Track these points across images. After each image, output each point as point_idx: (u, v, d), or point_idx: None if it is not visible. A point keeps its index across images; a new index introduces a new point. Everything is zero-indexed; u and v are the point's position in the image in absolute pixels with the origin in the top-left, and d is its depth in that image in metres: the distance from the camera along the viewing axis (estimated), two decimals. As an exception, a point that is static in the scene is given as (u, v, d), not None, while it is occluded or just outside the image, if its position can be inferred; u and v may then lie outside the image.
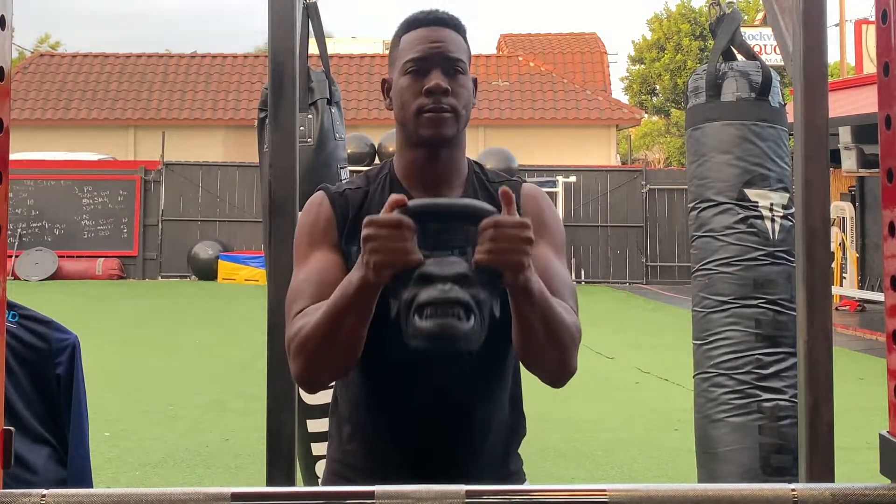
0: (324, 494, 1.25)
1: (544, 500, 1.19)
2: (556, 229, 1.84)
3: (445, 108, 1.73)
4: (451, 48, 1.77)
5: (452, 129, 1.76)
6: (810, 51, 1.79)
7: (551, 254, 1.79)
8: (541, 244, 1.75)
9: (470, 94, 1.79)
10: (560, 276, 1.78)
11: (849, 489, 1.09)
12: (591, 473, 5.70)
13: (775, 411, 3.07)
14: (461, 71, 1.77)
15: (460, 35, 1.81)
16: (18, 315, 2.36)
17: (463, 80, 1.77)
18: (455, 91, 1.75)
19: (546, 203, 1.87)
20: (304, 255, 1.77)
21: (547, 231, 1.81)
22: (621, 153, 26.25)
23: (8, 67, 1.16)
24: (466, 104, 1.78)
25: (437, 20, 1.79)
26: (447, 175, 1.80)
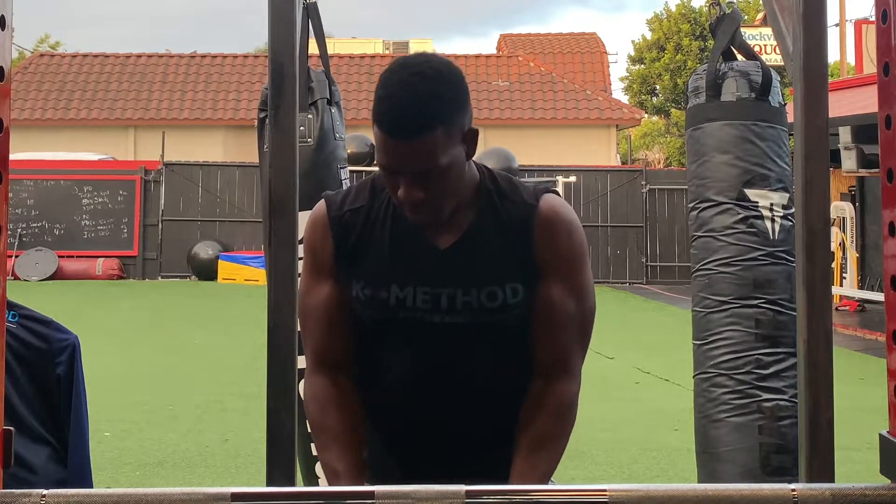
0: (324, 494, 1.25)
1: (544, 500, 1.19)
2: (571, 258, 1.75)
3: (421, 209, 1.69)
4: (420, 160, 1.63)
5: (437, 215, 1.72)
6: (810, 51, 1.79)
7: (558, 290, 1.73)
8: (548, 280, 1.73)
9: (453, 177, 1.67)
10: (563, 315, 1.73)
11: (849, 489, 1.09)
12: (591, 473, 5.70)
13: (775, 411, 3.07)
14: (434, 175, 1.65)
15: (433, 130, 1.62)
16: (18, 315, 2.36)
17: (440, 176, 1.65)
18: (431, 191, 1.66)
19: (563, 227, 1.76)
20: (310, 277, 1.83)
21: (559, 264, 1.74)
22: (621, 153, 26.25)
23: (8, 67, 1.16)
24: (447, 189, 1.68)
25: (400, 132, 1.62)
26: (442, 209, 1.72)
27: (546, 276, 1.73)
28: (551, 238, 1.73)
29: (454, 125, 1.65)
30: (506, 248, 1.73)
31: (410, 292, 1.75)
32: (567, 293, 1.74)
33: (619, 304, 15.82)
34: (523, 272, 1.73)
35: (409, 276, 1.75)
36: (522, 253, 1.73)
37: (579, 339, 1.76)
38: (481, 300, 1.73)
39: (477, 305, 1.73)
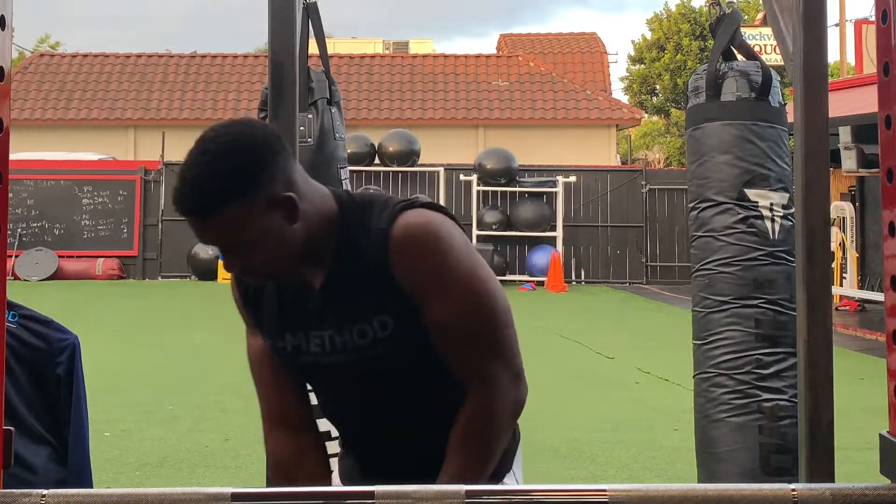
0: (324, 494, 1.25)
1: (544, 500, 1.19)
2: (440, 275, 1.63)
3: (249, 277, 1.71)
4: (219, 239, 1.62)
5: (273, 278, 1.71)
6: (810, 51, 1.79)
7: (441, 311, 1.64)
8: (427, 304, 1.64)
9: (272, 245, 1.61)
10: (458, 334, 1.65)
11: (849, 489, 1.09)
12: (591, 473, 5.70)
13: (775, 411, 3.07)
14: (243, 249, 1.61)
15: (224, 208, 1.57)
16: (18, 315, 2.36)
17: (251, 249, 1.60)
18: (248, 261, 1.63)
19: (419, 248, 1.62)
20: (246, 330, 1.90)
21: (429, 286, 1.63)
22: (621, 153, 26.26)
23: (8, 67, 1.16)
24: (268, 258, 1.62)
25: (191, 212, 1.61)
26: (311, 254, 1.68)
27: (423, 301, 1.64)
28: (410, 263, 1.62)
29: (251, 199, 1.57)
30: (367, 281, 1.65)
31: (303, 338, 1.75)
32: (452, 311, 1.64)
33: (619, 304, 15.81)
34: (390, 303, 1.65)
35: (298, 322, 1.75)
36: (384, 283, 1.64)
37: (487, 347, 1.67)
38: (354, 339, 1.69)
39: (352, 345, 1.70)
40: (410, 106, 23.09)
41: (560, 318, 13.38)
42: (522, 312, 14.71)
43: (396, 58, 26.31)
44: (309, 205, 1.64)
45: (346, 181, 3.44)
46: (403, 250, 1.61)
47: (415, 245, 1.62)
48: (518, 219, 18.37)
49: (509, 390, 1.69)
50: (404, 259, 1.61)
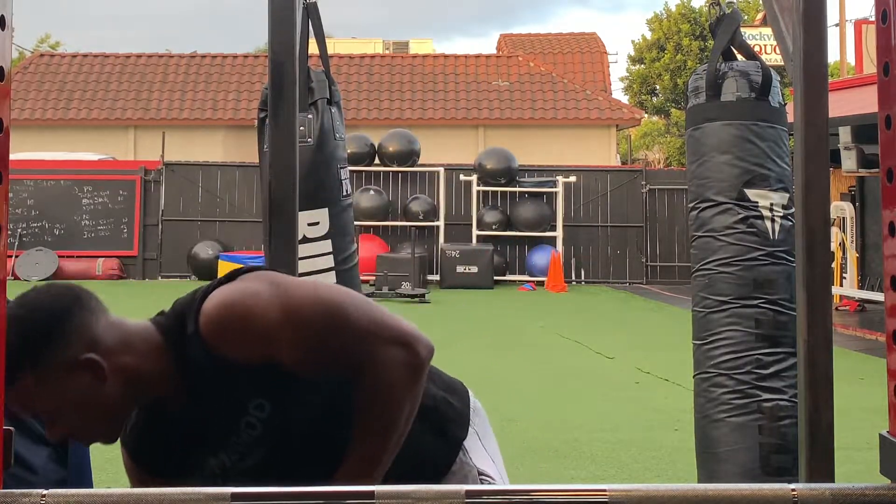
0: (324, 494, 1.25)
1: (544, 500, 1.19)
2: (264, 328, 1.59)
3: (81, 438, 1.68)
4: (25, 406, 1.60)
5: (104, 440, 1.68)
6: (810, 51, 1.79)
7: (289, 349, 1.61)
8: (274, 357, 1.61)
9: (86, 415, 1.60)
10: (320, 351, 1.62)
11: (849, 489, 1.09)
12: (591, 473, 5.70)
13: (775, 411, 3.07)
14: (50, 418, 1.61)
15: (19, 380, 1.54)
16: (18, 315, 2.36)
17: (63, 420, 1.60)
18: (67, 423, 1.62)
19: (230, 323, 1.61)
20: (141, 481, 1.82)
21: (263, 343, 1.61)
22: (621, 153, 26.26)
23: (8, 67, 1.16)
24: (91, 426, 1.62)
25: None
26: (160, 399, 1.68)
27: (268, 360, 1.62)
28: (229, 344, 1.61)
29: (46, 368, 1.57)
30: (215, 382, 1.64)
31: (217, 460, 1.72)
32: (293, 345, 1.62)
33: (619, 304, 15.82)
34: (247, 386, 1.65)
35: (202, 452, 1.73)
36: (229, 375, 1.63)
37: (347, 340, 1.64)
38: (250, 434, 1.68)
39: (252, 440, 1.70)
40: (410, 106, 23.10)
41: (560, 318, 13.38)
42: (522, 312, 14.75)
43: (396, 58, 26.31)
44: (124, 355, 1.63)
45: (346, 181, 3.45)
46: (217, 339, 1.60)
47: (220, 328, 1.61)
48: (518, 219, 18.37)
49: (395, 356, 1.64)
50: (222, 344, 1.60)
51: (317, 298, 1.66)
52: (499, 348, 10.50)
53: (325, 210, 3.31)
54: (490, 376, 8.71)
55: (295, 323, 1.61)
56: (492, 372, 8.92)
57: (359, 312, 1.65)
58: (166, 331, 1.68)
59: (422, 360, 1.67)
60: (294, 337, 1.61)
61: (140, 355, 1.65)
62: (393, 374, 1.64)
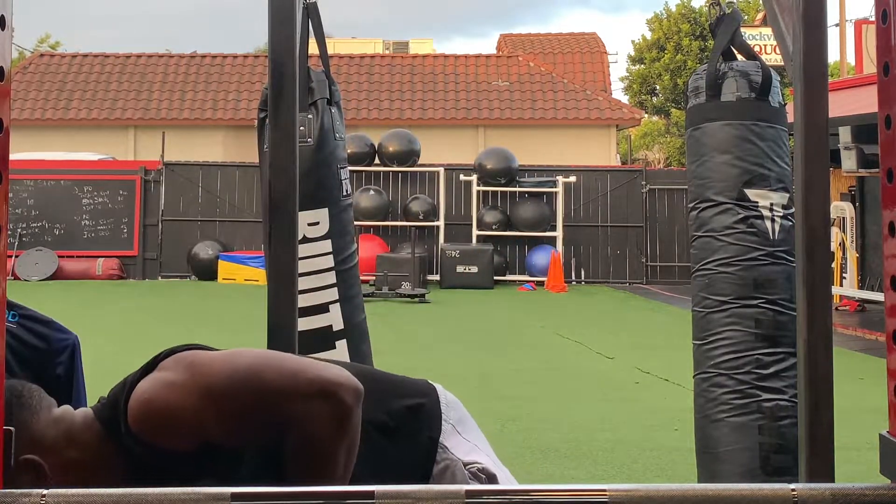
0: (324, 494, 1.25)
1: (544, 500, 1.19)
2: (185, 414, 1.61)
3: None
4: None
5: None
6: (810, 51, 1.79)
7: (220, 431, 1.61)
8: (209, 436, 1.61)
9: None
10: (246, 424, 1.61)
11: (849, 489, 1.09)
12: (591, 473, 5.70)
13: (775, 411, 3.07)
14: None
15: None
16: (18, 315, 2.36)
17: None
18: None
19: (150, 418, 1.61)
20: None
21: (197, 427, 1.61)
22: (621, 153, 26.26)
23: (8, 67, 1.16)
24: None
25: None
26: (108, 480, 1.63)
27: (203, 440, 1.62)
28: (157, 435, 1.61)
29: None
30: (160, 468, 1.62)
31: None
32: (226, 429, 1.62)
33: (619, 304, 15.82)
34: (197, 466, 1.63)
35: None
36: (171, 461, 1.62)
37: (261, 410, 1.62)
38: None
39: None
40: (410, 106, 23.10)
41: (560, 318, 13.38)
42: (522, 312, 14.76)
43: (396, 58, 26.31)
44: (67, 450, 1.64)
45: (346, 181, 3.44)
46: (148, 435, 1.61)
47: (147, 425, 1.61)
48: (518, 219, 18.37)
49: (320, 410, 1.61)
50: (155, 438, 1.61)
51: (232, 371, 1.64)
52: (498, 348, 10.50)
53: (325, 210, 3.31)
54: (490, 376, 8.71)
55: (215, 402, 1.61)
56: (491, 372, 8.93)
57: (275, 373, 1.63)
58: (105, 422, 1.67)
59: (347, 406, 1.63)
60: (217, 416, 1.60)
61: (83, 448, 1.65)
62: (318, 428, 1.60)
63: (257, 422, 1.63)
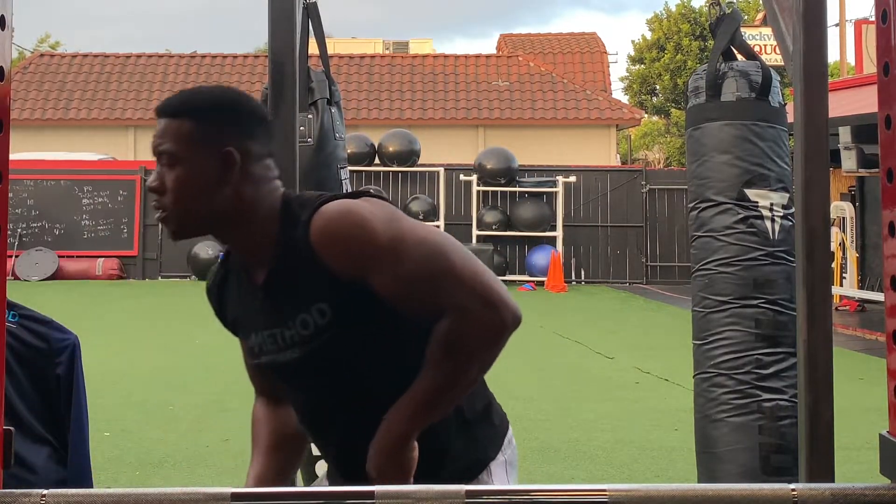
0: (324, 494, 1.25)
1: (544, 500, 1.19)
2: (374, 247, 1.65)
3: (157, 206, 1.76)
4: (158, 140, 1.76)
5: (172, 224, 1.74)
6: (810, 51, 1.79)
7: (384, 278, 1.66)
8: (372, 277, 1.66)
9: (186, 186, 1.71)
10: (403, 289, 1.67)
11: (849, 489, 1.09)
12: (591, 473, 5.70)
13: (775, 411, 3.07)
14: (168, 163, 1.73)
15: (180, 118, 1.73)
16: (18, 315, 2.36)
17: (171, 172, 1.72)
18: (168, 187, 1.73)
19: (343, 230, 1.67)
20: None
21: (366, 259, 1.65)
22: (621, 153, 26.27)
23: (8, 67, 1.16)
24: (180, 199, 1.71)
25: (159, 108, 1.78)
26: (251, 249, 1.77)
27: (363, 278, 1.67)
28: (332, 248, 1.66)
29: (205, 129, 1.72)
30: (300, 273, 1.71)
31: (261, 338, 1.81)
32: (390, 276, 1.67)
33: (619, 304, 15.81)
34: (324, 291, 1.70)
35: (254, 322, 1.82)
36: (315, 273, 1.69)
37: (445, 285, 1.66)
38: (299, 331, 1.74)
39: (298, 338, 1.74)
40: (410, 106, 23.10)
41: (560, 318, 13.38)
42: (522, 312, 14.66)
43: (396, 58, 26.31)
44: (254, 186, 1.73)
45: (346, 181, 3.44)
46: (323, 239, 1.66)
47: (333, 230, 1.66)
48: (518, 219, 18.37)
49: (475, 313, 1.66)
50: (326, 246, 1.66)
51: (425, 235, 1.71)
52: (499, 348, 10.48)
53: (325, 210, 3.30)
54: (489, 376, 8.70)
55: (398, 252, 1.66)
56: (491, 372, 8.92)
57: (460, 261, 1.68)
58: (286, 207, 1.75)
59: (506, 325, 1.68)
60: (393, 265, 1.66)
61: (260, 200, 1.74)
62: (473, 328, 1.66)
63: (421, 294, 1.67)
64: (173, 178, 1.71)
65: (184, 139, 1.71)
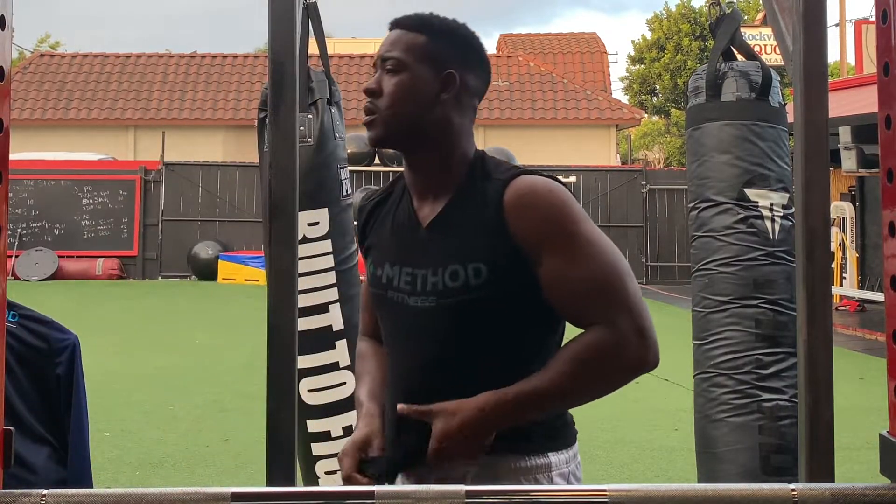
0: (324, 494, 1.25)
1: (544, 500, 1.19)
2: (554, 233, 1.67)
3: (368, 107, 1.82)
4: (391, 47, 1.80)
5: (378, 129, 1.80)
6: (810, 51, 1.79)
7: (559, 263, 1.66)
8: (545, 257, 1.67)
9: (406, 92, 1.77)
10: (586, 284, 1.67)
11: (849, 489, 1.09)
12: (591, 473, 5.70)
13: (775, 411, 3.07)
14: (391, 69, 1.78)
15: (415, 32, 1.80)
16: (18, 315, 2.36)
17: (396, 78, 1.78)
18: (385, 90, 1.79)
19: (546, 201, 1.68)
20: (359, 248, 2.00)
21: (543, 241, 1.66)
22: (621, 153, 26.25)
23: (8, 67, 1.16)
24: (395, 102, 1.77)
25: (393, 23, 1.83)
26: (433, 181, 1.79)
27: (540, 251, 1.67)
28: (528, 212, 1.67)
29: (436, 50, 1.78)
30: (476, 227, 1.70)
31: (397, 272, 1.79)
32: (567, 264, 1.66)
33: (619, 304, 15.81)
34: (492, 253, 1.69)
35: (398, 255, 1.81)
36: (493, 229, 1.69)
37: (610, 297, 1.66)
38: (445, 280, 1.71)
39: (441, 287, 1.71)
40: (410, 106, 23.08)
41: (560, 318, 13.36)
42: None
43: (396, 58, 26.29)
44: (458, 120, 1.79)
45: (346, 181, 3.45)
46: (523, 201, 1.67)
47: (534, 197, 1.68)
48: (518, 219, 18.37)
49: (630, 340, 1.66)
50: (520, 208, 1.67)
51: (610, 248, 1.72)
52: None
53: (325, 210, 3.31)
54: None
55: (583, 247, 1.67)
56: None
57: (633, 287, 1.70)
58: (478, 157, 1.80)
59: (647, 361, 1.71)
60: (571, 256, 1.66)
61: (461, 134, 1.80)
62: (619, 352, 1.66)
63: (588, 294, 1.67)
64: (394, 83, 1.77)
65: (414, 50, 1.77)
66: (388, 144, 1.81)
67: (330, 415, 3.29)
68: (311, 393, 3.28)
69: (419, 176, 1.81)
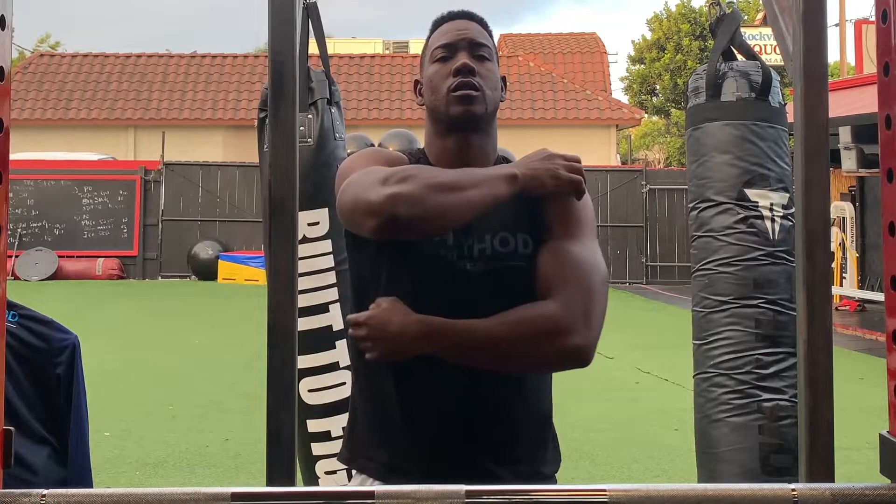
0: (324, 494, 1.25)
1: (544, 500, 1.19)
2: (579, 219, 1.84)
3: (472, 84, 1.84)
4: (476, 35, 1.91)
5: (480, 106, 1.86)
6: (810, 51, 1.79)
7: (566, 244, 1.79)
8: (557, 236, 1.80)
9: (497, 80, 1.90)
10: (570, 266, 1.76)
11: (849, 489, 1.09)
12: (591, 473, 5.70)
13: (775, 411, 3.07)
14: (486, 56, 1.89)
15: (485, 30, 1.95)
16: (18, 315, 2.36)
17: (489, 65, 1.89)
18: (481, 73, 1.86)
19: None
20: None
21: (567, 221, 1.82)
22: (621, 153, 26.25)
23: (8, 67, 1.16)
24: (494, 87, 1.89)
25: (463, 14, 1.94)
26: (475, 163, 1.87)
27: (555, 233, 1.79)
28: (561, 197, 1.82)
29: (495, 48, 1.96)
30: (520, 199, 1.78)
31: (449, 235, 1.81)
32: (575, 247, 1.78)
33: (620, 304, 15.81)
34: (532, 225, 1.81)
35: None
36: (533, 206, 1.81)
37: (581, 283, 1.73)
38: (494, 246, 1.80)
39: (490, 252, 1.79)
40: (410, 106, 23.08)
41: (560, 318, 13.35)
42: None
43: (396, 58, 26.29)
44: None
45: (346, 181, 3.44)
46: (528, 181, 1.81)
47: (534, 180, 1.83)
48: (518, 219, 18.37)
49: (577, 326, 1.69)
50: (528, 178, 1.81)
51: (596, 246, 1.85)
52: (499, 348, 10.49)
53: (325, 210, 3.30)
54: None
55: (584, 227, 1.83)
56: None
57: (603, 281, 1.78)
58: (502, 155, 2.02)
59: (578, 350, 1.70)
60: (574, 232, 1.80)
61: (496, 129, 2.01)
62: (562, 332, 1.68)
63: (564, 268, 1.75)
64: (489, 69, 1.88)
65: (492, 45, 1.94)
66: (480, 123, 1.88)
67: (330, 415, 3.28)
68: (311, 393, 3.28)
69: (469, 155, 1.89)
